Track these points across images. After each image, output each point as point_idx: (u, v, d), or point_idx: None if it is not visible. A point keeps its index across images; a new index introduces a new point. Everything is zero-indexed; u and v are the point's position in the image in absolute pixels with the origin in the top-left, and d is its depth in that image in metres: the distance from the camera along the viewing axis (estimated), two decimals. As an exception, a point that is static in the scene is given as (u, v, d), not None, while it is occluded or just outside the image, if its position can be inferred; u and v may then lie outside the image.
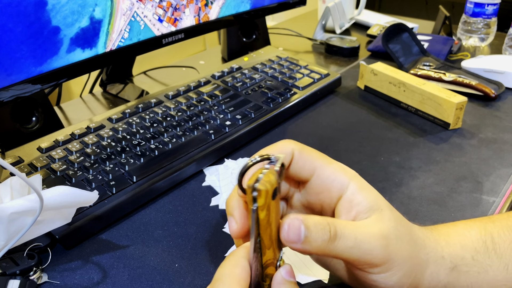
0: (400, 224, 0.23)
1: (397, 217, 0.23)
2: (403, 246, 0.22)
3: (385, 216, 0.22)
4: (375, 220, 0.22)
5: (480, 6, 0.68)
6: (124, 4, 0.42)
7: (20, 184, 0.31)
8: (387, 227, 0.22)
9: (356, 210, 0.22)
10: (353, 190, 0.22)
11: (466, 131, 0.47)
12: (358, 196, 0.22)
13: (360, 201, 0.22)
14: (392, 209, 0.23)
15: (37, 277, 0.30)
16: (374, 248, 0.21)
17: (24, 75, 0.37)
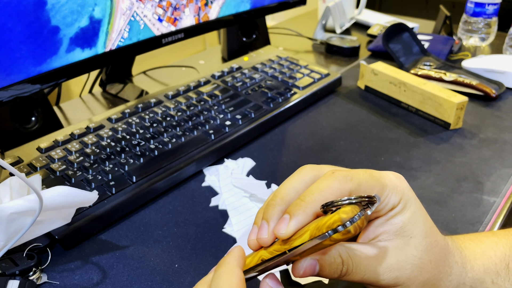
0: (429, 252, 0.22)
1: (429, 245, 0.22)
2: (420, 274, 0.22)
3: (411, 244, 0.22)
4: (397, 247, 0.22)
5: (481, 5, 0.68)
6: (124, 4, 0.42)
7: (20, 184, 0.31)
8: (407, 257, 0.22)
9: (384, 230, 0.22)
10: (396, 211, 0.22)
11: (467, 131, 0.47)
12: (397, 218, 0.22)
13: (396, 222, 0.22)
14: (426, 236, 0.22)
15: (37, 277, 0.30)
16: (382, 279, 0.22)
17: (23, 75, 0.37)
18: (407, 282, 0.22)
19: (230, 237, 0.33)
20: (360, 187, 0.21)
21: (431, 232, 0.23)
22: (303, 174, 0.22)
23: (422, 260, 0.22)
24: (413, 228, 0.22)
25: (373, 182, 0.21)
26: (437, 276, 0.23)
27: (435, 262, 0.23)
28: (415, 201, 0.22)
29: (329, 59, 0.68)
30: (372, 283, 0.22)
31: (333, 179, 0.21)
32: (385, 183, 0.21)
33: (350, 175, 0.21)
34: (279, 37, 0.77)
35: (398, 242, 0.22)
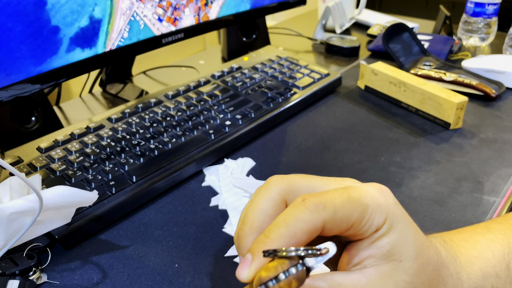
0: (420, 275, 0.20)
1: (421, 266, 0.20)
2: None
3: (400, 270, 0.19)
4: (385, 274, 0.19)
5: (481, 5, 0.68)
6: (124, 4, 0.42)
7: (20, 184, 0.31)
8: (396, 285, 0.19)
9: (369, 254, 0.19)
10: (381, 232, 0.19)
11: (467, 131, 0.47)
12: (383, 240, 0.19)
13: (381, 245, 0.19)
14: (417, 257, 0.20)
15: (37, 277, 0.30)
16: None
17: (23, 74, 0.37)
18: None
19: (230, 237, 0.33)
20: (336, 215, 0.18)
21: (422, 250, 0.20)
22: (270, 191, 0.20)
23: (414, 284, 0.20)
24: (402, 250, 0.19)
25: (351, 206, 0.18)
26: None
27: (428, 283, 0.20)
28: (402, 218, 0.20)
29: (329, 59, 0.68)
30: None
31: (302, 210, 0.18)
32: (366, 203, 0.19)
33: (323, 202, 0.18)
34: (279, 37, 0.77)
35: (386, 268, 0.19)
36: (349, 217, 0.18)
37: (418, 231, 0.20)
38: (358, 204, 0.19)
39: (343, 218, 0.18)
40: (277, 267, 0.16)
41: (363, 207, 0.19)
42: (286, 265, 0.16)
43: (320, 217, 0.18)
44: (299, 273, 0.16)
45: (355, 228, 0.19)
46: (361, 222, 0.19)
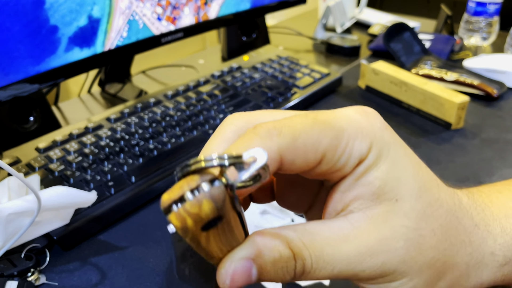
0: (428, 219, 0.15)
1: (428, 207, 0.15)
2: (420, 253, 0.15)
3: (398, 211, 0.14)
4: (377, 219, 0.14)
5: (482, 5, 0.67)
6: (123, 3, 0.42)
7: (18, 184, 0.31)
8: (394, 231, 0.14)
9: (355, 195, 0.14)
10: (367, 164, 0.14)
11: (468, 131, 0.47)
12: (371, 174, 0.14)
13: (369, 181, 0.14)
14: (421, 195, 0.15)
15: (35, 278, 0.29)
16: (361, 271, 0.14)
17: (21, 74, 0.36)
18: (401, 268, 0.15)
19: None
20: (296, 142, 0.13)
21: (429, 187, 0.15)
22: (224, 131, 0.15)
23: (420, 231, 0.15)
24: (398, 186, 0.14)
25: (317, 130, 0.14)
26: (447, 252, 0.15)
27: (442, 231, 0.15)
28: (395, 145, 0.15)
29: (330, 58, 0.67)
30: (348, 278, 0.15)
31: (251, 137, 0.13)
32: (339, 126, 0.14)
33: (278, 128, 0.14)
34: (279, 37, 0.76)
35: (378, 210, 0.14)
36: (315, 144, 0.14)
37: (421, 164, 0.15)
38: (328, 127, 0.14)
39: (308, 146, 0.13)
40: (183, 186, 0.11)
41: (335, 130, 0.14)
42: (195, 181, 0.11)
43: (273, 144, 0.13)
44: (213, 190, 0.11)
45: (329, 159, 0.14)
46: (336, 151, 0.14)
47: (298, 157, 0.14)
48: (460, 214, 0.16)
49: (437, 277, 0.16)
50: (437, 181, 0.16)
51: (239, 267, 0.13)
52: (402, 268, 0.15)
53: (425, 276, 0.15)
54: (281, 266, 0.14)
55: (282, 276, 0.14)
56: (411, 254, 0.15)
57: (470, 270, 0.16)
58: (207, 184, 0.11)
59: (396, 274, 0.15)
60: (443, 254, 0.15)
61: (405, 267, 0.15)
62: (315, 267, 0.14)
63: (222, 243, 0.13)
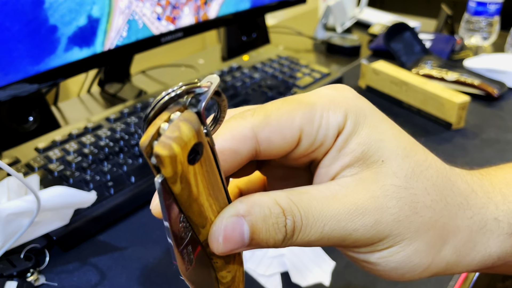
0: (419, 177, 0.14)
1: (416, 166, 0.15)
2: (416, 213, 0.14)
3: (386, 171, 0.14)
4: (366, 180, 0.14)
5: (483, 5, 0.67)
6: (123, 3, 0.42)
7: (17, 184, 0.31)
8: (385, 190, 0.14)
9: (340, 166, 0.14)
10: (346, 133, 0.14)
11: (469, 131, 0.47)
12: (352, 142, 0.14)
13: (352, 149, 0.14)
14: (407, 154, 0.14)
15: (34, 279, 0.29)
16: (353, 230, 0.14)
17: (21, 74, 0.36)
18: (397, 230, 0.14)
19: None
20: (269, 119, 0.14)
21: (414, 148, 0.15)
22: None
23: (412, 190, 0.14)
24: (382, 147, 0.14)
25: (290, 107, 0.14)
26: (445, 212, 0.15)
27: (435, 191, 0.15)
28: (371, 111, 0.15)
29: (330, 58, 0.67)
30: (342, 241, 0.14)
31: (228, 120, 0.14)
32: (310, 101, 0.14)
33: (251, 110, 0.14)
34: (279, 36, 0.76)
35: (367, 173, 0.14)
36: (290, 119, 0.14)
37: (401, 130, 0.15)
38: (300, 103, 0.14)
39: (282, 121, 0.14)
40: (155, 123, 0.11)
41: (307, 105, 0.14)
42: (166, 116, 0.12)
43: (247, 123, 0.14)
44: (185, 114, 0.12)
45: (308, 134, 0.14)
46: (312, 124, 0.14)
47: (273, 134, 0.14)
48: (454, 178, 0.16)
49: (439, 240, 0.15)
50: (421, 146, 0.16)
51: (230, 223, 0.13)
52: (397, 229, 0.14)
53: (426, 239, 0.15)
54: (271, 223, 0.13)
55: (274, 235, 0.13)
56: (405, 213, 0.14)
57: (475, 235, 0.15)
58: (178, 112, 0.12)
59: (393, 237, 0.14)
60: (441, 215, 0.15)
61: (400, 228, 0.14)
62: (305, 223, 0.14)
63: (209, 190, 0.13)
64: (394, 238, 0.14)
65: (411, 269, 0.15)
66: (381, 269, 0.15)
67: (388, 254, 0.15)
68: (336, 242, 0.14)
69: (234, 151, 0.14)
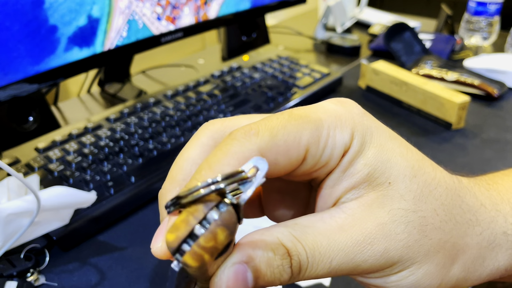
0: (428, 198, 0.14)
1: (424, 186, 0.14)
2: (425, 236, 0.14)
3: (393, 194, 0.14)
4: (372, 205, 0.14)
5: (483, 5, 0.67)
6: (122, 3, 0.42)
7: (17, 184, 0.31)
8: (393, 215, 0.13)
9: (345, 187, 0.14)
10: (352, 153, 0.14)
11: (469, 131, 0.47)
12: (358, 163, 0.14)
13: (358, 170, 0.14)
14: (415, 174, 0.14)
15: (34, 279, 0.29)
16: (362, 261, 0.13)
17: (21, 74, 0.36)
18: (407, 255, 0.14)
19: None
20: (275, 139, 0.13)
21: (422, 166, 0.14)
22: (198, 136, 0.14)
23: (420, 213, 0.14)
24: (389, 168, 0.14)
25: (296, 124, 0.13)
26: (454, 232, 0.14)
27: (444, 211, 0.14)
28: (378, 129, 0.14)
29: (330, 58, 0.67)
30: (351, 272, 0.14)
31: (229, 143, 0.13)
32: (317, 117, 0.13)
33: (254, 128, 0.13)
34: (279, 36, 0.76)
35: (372, 196, 0.14)
36: (296, 139, 0.13)
37: (408, 145, 0.15)
38: (306, 121, 0.13)
39: (288, 142, 0.13)
40: (188, 219, 0.10)
41: (314, 122, 0.13)
42: (200, 212, 0.10)
43: (252, 145, 0.13)
44: (223, 215, 0.10)
45: (314, 154, 0.13)
46: (318, 143, 0.13)
47: (280, 155, 0.13)
48: (462, 193, 0.15)
49: (449, 260, 0.14)
50: (430, 161, 0.15)
51: (232, 272, 0.12)
52: (407, 254, 0.14)
53: (436, 261, 0.14)
54: (276, 266, 0.13)
55: (279, 277, 0.13)
56: (415, 237, 0.14)
57: (484, 251, 0.15)
58: (216, 211, 0.10)
59: (403, 262, 0.14)
60: (450, 235, 0.14)
61: (410, 253, 0.14)
62: (312, 261, 0.13)
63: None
64: (404, 263, 0.14)
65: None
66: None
67: (398, 279, 0.14)
68: (345, 273, 0.14)
69: None
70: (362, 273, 0.14)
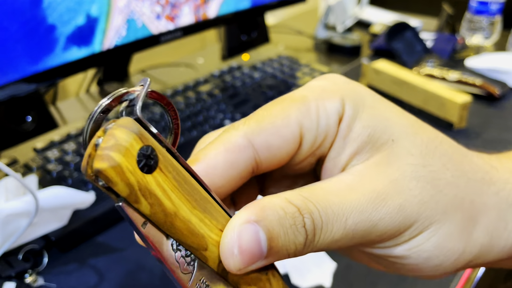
0: (434, 153, 0.13)
1: (429, 142, 0.13)
2: (440, 191, 0.13)
3: (400, 151, 0.13)
4: (378, 164, 0.13)
5: (484, 4, 0.67)
6: (121, 2, 0.42)
7: (15, 185, 0.30)
8: (403, 171, 0.13)
9: (349, 153, 0.13)
10: (348, 118, 0.13)
11: (470, 131, 0.47)
12: (356, 126, 0.13)
13: (358, 133, 0.13)
14: (417, 132, 0.14)
15: (33, 280, 0.29)
16: (377, 220, 0.12)
17: (19, 74, 0.36)
18: (424, 212, 0.13)
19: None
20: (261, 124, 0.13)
21: (422, 125, 0.14)
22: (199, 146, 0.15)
23: (430, 167, 0.13)
24: (389, 126, 0.13)
25: (281, 107, 0.13)
26: (469, 189, 0.13)
27: (454, 166, 0.13)
28: (368, 94, 0.14)
29: (331, 57, 0.67)
30: (367, 235, 0.13)
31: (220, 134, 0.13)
32: (302, 95, 0.13)
33: (243, 120, 0.13)
34: (280, 36, 0.76)
35: (378, 155, 0.13)
36: (285, 119, 0.13)
37: (403, 110, 0.15)
38: (290, 100, 0.13)
39: (277, 123, 0.13)
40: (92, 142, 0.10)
41: (299, 99, 0.13)
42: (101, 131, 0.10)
43: (239, 131, 0.13)
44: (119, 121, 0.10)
45: (309, 130, 0.13)
46: (310, 117, 0.13)
47: (271, 137, 0.13)
48: (469, 154, 0.14)
49: (470, 221, 0.13)
50: (427, 124, 0.15)
51: (244, 231, 0.11)
52: (424, 212, 0.13)
53: (456, 219, 0.13)
54: (289, 225, 0.12)
55: (294, 239, 0.12)
56: (429, 192, 0.13)
57: (505, 214, 0.14)
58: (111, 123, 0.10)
59: (421, 222, 0.13)
60: (465, 192, 0.13)
61: (427, 210, 0.13)
62: (326, 220, 0.12)
63: (189, 201, 0.11)
64: (423, 222, 0.13)
65: (445, 257, 0.13)
66: (413, 263, 0.13)
67: (418, 243, 0.13)
68: (361, 237, 0.13)
69: (230, 165, 0.13)
70: (378, 239, 0.13)
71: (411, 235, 0.13)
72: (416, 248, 0.13)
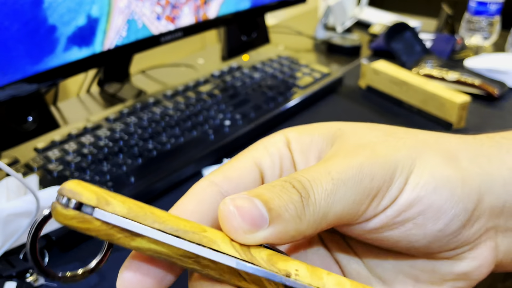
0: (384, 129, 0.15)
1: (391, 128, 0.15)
2: (400, 138, 0.14)
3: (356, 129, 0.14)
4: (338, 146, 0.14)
5: (483, 4, 0.67)
6: (122, 2, 0.42)
7: (16, 185, 0.31)
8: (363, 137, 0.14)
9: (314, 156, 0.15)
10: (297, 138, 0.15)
11: (470, 131, 0.47)
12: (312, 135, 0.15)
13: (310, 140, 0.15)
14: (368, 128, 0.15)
15: (34, 279, 0.29)
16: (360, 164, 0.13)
17: (20, 74, 0.36)
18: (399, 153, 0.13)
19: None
20: (220, 169, 0.14)
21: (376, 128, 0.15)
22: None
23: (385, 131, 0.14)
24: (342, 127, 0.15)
25: (237, 155, 0.14)
26: (432, 135, 0.14)
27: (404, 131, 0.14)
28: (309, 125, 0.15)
29: (330, 58, 0.67)
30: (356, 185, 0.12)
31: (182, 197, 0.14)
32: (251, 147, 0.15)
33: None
34: (280, 36, 0.76)
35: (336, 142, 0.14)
36: (239, 156, 0.14)
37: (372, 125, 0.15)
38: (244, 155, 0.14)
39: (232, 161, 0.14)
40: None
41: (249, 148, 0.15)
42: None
43: (202, 179, 0.14)
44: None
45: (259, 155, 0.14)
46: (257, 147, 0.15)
47: (230, 172, 0.14)
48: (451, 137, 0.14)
49: (447, 152, 0.13)
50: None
51: (238, 199, 0.11)
52: (398, 153, 0.13)
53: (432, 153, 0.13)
54: (279, 189, 0.12)
55: (288, 198, 0.12)
56: (393, 140, 0.13)
57: (480, 150, 0.14)
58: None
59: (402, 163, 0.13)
60: (428, 135, 0.14)
61: (401, 151, 0.13)
62: (311, 178, 0.12)
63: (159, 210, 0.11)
64: (403, 164, 0.13)
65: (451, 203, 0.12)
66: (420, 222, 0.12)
67: (413, 192, 0.12)
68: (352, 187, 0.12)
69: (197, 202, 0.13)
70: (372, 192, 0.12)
71: (401, 184, 0.13)
72: (413, 198, 0.12)
